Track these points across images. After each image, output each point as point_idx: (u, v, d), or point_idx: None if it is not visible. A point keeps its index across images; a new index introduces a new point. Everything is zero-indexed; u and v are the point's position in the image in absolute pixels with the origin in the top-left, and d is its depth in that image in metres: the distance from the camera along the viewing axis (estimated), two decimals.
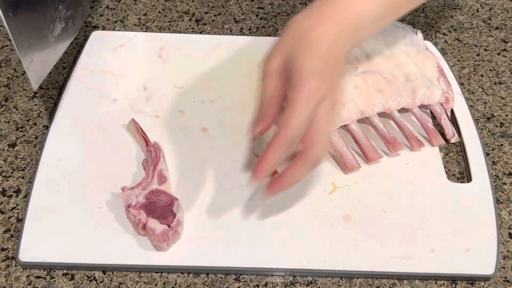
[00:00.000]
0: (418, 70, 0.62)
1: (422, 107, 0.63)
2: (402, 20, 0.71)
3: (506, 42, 0.76)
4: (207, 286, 0.51)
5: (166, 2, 0.81)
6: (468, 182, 0.59)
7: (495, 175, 0.61)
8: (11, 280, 0.51)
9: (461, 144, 0.62)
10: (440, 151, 0.61)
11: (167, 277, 0.52)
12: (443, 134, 0.63)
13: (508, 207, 0.58)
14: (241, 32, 0.76)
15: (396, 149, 0.59)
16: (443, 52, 0.74)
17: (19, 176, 0.59)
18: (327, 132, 0.47)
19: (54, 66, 0.70)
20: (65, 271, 0.52)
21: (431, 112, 0.64)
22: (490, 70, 0.72)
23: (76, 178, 0.57)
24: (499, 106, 0.68)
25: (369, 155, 0.59)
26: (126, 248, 0.52)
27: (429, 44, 0.72)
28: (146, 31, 0.76)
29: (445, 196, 0.57)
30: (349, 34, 0.49)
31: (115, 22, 0.77)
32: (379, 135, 0.60)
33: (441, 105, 0.63)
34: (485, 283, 0.52)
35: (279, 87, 0.48)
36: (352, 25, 0.49)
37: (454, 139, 0.62)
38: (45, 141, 0.60)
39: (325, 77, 0.46)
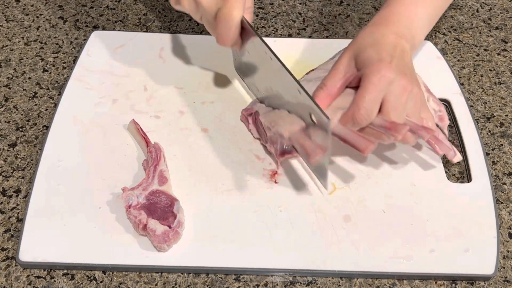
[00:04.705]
0: None
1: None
2: None
3: (506, 42, 0.76)
4: (207, 286, 0.51)
5: (166, 2, 0.81)
6: (468, 182, 0.59)
7: (495, 175, 0.61)
8: (11, 280, 0.51)
9: (461, 144, 0.62)
10: None
11: (167, 277, 0.52)
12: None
13: (508, 207, 0.58)
14: None
15: (399, 131, 0.51)
16: (443, 52, 0.74)
17: (19, 176, 0.59)
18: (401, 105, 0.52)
19: (54, 66, 0.70)
20: (65, 271, 0.52)
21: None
22: (490, 70, 0.72)
23: (76, 178, 0.57)
24: (499, 106, 0.68)
25: (360, 145, 0.52)
26: (126, 248, 0.52)
27: (429, 44, 0.72)
28: (146, 31, 0.76)
29: (445, 196, 0.57)
30: (408, 43, 0.55)
31: (115, 22, 0.77)
32: (377, 128, 0.53)
33: (437, 125, 0.58)
34: (485, 283, 0.52)
35: (347, 73, 0.55)
36: (410, 37, 0.56)
37: (456, 159, 0.58)
38: (45, 141, 0.60)
39: (392, 64, 0.52)
